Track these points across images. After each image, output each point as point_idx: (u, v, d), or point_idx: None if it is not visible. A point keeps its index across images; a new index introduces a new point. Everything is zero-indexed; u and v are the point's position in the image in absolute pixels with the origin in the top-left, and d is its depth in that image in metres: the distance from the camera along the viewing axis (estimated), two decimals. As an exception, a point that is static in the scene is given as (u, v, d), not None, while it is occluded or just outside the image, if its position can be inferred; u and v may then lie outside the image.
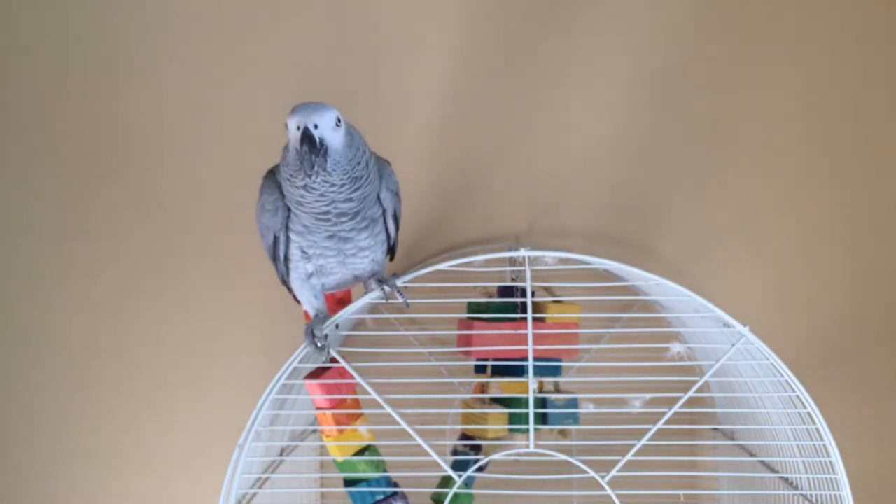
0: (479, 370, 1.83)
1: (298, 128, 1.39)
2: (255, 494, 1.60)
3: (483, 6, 2.15)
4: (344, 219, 1.50)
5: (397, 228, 1.66)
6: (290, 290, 1.66)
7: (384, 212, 1.61)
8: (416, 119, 2.14)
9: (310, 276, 1.59)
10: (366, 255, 1.59)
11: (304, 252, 1.56)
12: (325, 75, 2.15)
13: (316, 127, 1.39)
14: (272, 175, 1.56)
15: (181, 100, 2.14)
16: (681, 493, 1.68)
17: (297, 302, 1.70)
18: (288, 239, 1.55)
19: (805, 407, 1.51)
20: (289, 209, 1.52)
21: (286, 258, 1.58)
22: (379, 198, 1.58)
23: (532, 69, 2.15)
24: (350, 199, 1.48)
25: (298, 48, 2.15)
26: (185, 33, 2.15)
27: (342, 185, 1.45)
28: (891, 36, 2.14)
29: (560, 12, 2.14)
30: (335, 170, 1.43)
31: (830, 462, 1.51)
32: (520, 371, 1.71)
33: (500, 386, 1.77)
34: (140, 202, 2.14)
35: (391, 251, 1.69)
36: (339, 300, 1.81)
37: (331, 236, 1.53)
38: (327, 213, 1.48)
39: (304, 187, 1.44)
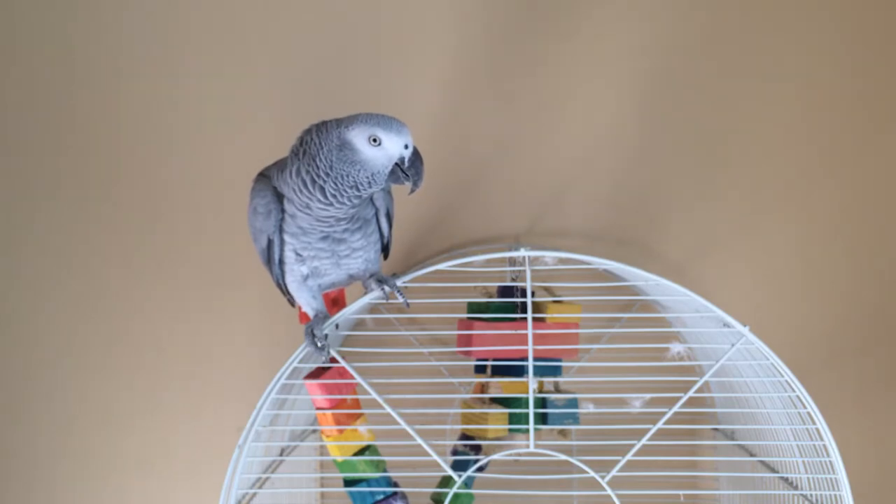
0: (479, 370, 1.83)
1: (407, 146, 1.47)
2: (255, 494, 1.60)
3: (483, 6, 2.15)
4: (343, 221, 1.52)
5: (390, 227, 1.66)
6: (284, 293, 1.67)
7: (377, 211, 1.61)
8: (415, 119, 2.11)
9: (305, 278, 1.60)
10: (359, 255, 1.59)
11: (298, 254, 1.56)
12: (326, 76, 2.15)
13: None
14: (263, 178, 1.56)
15: (181, 103, 2.14)
16: (681, 493, 1.68)
17: (292, 304, 1.70)
18: (282, 241, 1.55)
19: (805, 407, 1.51)
20: (282, 211, 1.52)
21: (281, 261, 1.58)
22: (371, 197, 1.59)
23: (532, 69, 2.15)
24: (356, 205, 1.51)
25: (299, 50, 2.15)
26: (188, 38, 2.14)
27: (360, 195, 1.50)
28: (890, 36, 2.14)
29: (560, 13, 2.14)
30: None
31: (830, 462, 1.51)
32: (520, 371, 1.71)
33: (500, 386, 1.77)
34: (140, 204, 2.14)
35: (385, 249, 1.70)
36: (334, 300, 1.82)
37: (325, 237, 1.54)
38: (331, 216, 1.50)
39: (339, 200, 1.47)
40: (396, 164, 1.48)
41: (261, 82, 2.15)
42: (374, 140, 1.45)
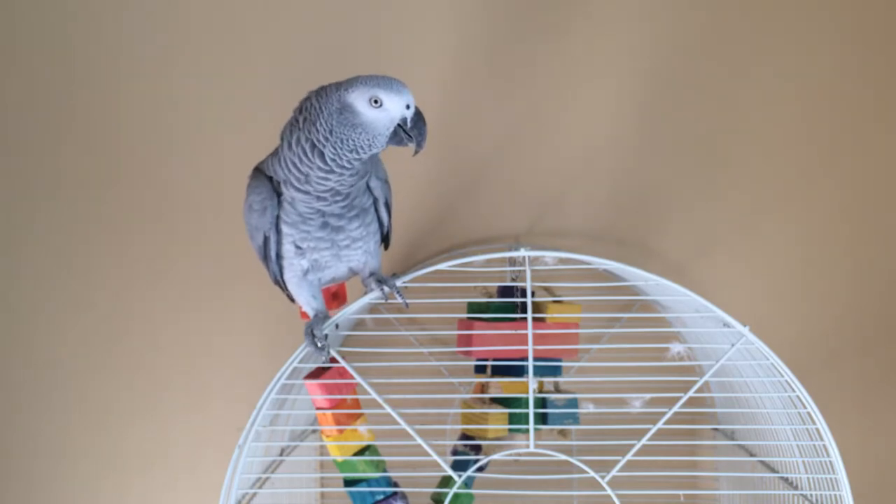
0: (479, 370, 1.83)
1: (409, 106, 1.45)
2: (255, 494, 1.60)
3: (483, 6, 2.15)
4: (338, 198, 1.50)
5: (389, 216, 1.66)
6: (282, 289, 1.66)
7: (375, 200, 1.61)
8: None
9: (305, 272, 1.59)
10: (359, 245, 1.58)
11: (297, 247, 1.55)
12: (326, 76, 2.12)
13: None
14: (258, 173, 1.55)
15: (181, 103, 2.14)
16: (681, 493, 1.68)
17: (292, 300, 1.70)
18: (279, 235, 1.55)
19: (805, 407, 1.51)
20: (279, 206, 1.52)
21: (279, 256, 1.58)
22: (369, 186, 1.58)
23: (532, 69, 2.15)
24: (357, 173, 1.49)
25: (299, 50, 2.15)
26: (188, 38, 2.14)
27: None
28: (890, 36, 2.14)
29: (560, 13, 2.14)
30: None
31: (830, 462, 1.51)
32: (520, 371, 1.71)
33: (500, 386, 1.77)
34: (140, 204, 2.14)
35: (386, 240, 1.69)
36: (334, 294, 1.81)
37: (324, 225, 1.52)
38: (329, 190, 1.48)
39: (339, 164, 1.45)
40: (399, 125, 1.46)
41: (261, 82, 2.15)
42: (376, 101, 1.43)
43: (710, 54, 2.15)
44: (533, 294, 1.58)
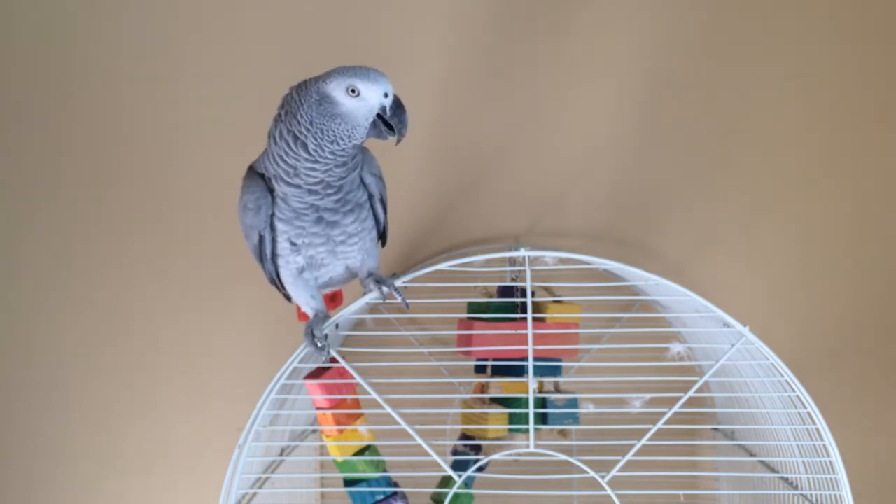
0: (479, 370, 1.83)
1: (387, 95, 1.45)
2: (255, 494, 1.60)
3: (483, 6, 2.15)
4: (330, 191, 1.50)
5: (385, 212, 1.66)
6: (279, 289, 1.66)
7: (370, 196, 1.60)
8: (415, 119, 2.11)
9: (301, 270, 1.58)
10: (355, 241, 1.57)
11: (293, 243, 1.55)
12: (325, 75, 2.14)
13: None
14: (251, 172, 1.56)
15: (181, 103, 2.15)
16: (681, 493, 1.68)
17: (289, 300, 1.70)
18: (274, 233, 1.55)
19: (805, 407, 1.51)
20: (272, 203, 1.52)
21: (275, 255, 1.57)
22: (364, 182, 1.58)
23: (532, 69, 2.15)
24: (345, 164, 1.49)
25: (299, 50, 2.15)
26: (188, 38, 2.15)
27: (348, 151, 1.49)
28: (890, 36, 2.14)
29: (560, 12, 2.14)
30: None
31: (830, 462, 1.51)
32: (520, 371, 1.71)
33: (500, 386, 1.77)
34: (140, 203, 2.14)
35: (382, 237, 1.69)
36: (331, 298, 1.81)
37: (318, 220, 1.52)
38: (320, 182, 1.48)
39: (322, 154, 1.45)
40: (379, 115, 1.46)
41: (261, 82, 2.14)
42: (353, 91, 1.44)
43: (710, 54, 2.15)
44: (533, 294, 1.58)
